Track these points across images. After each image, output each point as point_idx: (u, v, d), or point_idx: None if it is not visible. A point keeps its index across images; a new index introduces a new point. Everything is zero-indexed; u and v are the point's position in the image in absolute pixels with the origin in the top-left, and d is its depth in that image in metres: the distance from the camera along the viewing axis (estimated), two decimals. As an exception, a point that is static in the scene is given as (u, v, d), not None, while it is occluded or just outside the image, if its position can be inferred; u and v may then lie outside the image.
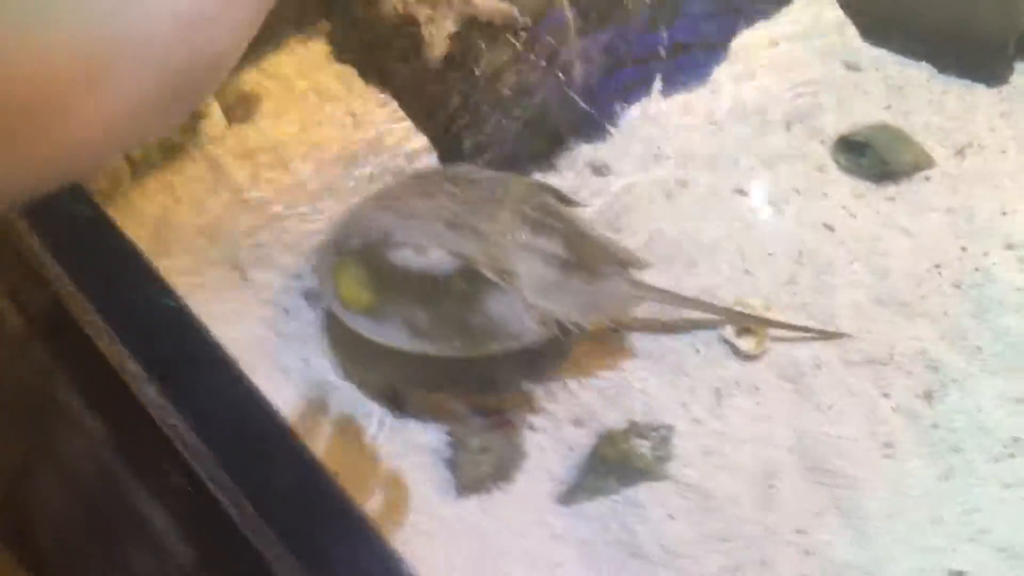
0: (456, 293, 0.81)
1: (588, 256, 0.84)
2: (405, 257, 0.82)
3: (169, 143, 1.01)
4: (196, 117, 1.05)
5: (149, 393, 0.66)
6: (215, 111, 1.06)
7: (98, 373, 0.74)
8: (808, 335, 0.88)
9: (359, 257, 0.84)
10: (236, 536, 0.65)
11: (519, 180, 0.90)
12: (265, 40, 1.07)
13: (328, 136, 1.03)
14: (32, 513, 0.96)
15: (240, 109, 1.08)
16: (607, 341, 0.90)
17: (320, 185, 0.99)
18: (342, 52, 1.08)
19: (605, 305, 0.84)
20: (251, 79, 1.08)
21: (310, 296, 0.91)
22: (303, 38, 1.10)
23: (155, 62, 0.37)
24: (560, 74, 1.00)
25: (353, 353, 0.88)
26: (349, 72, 1.07)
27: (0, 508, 1.00)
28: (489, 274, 0.80)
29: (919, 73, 1.03)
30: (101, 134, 0.37)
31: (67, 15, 0.34)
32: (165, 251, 0.93)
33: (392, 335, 0.82)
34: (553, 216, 0.86)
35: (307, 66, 1.09)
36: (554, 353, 0.87)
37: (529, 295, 0.81)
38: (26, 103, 0.34)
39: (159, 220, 0.97)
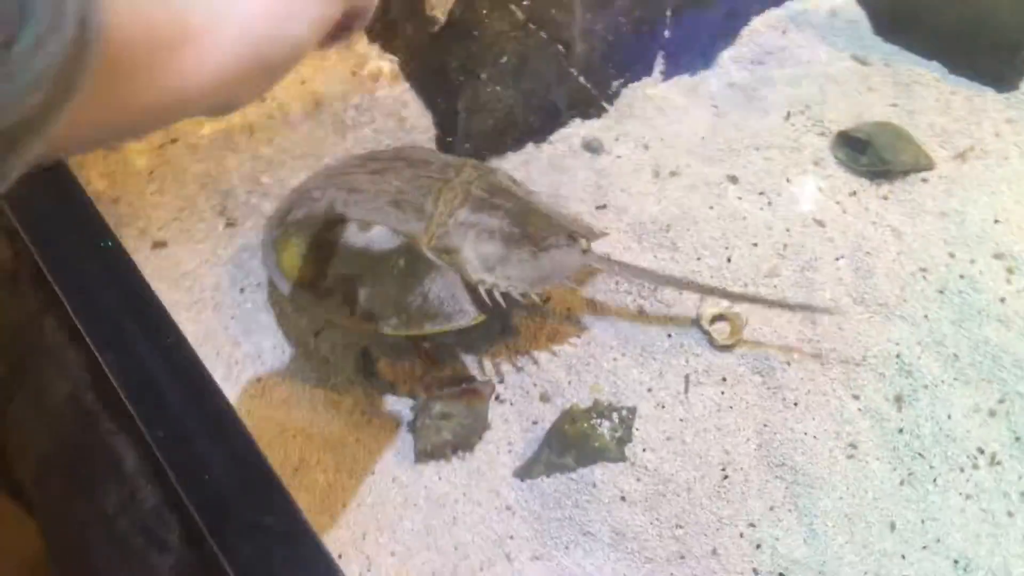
0: (395, 272, 0.81)
1: (535, 229, 0.84)
2: (347, 232, 0.82)
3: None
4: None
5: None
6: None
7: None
8: (787, 308, 0.88)
9: (303, 230, 0.84)
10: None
11: (472, 163, 0.89)
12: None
13: (328, 90, 1.03)
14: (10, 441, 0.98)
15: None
16: (580, 319, 0.89)
17: (311, 141, 0.99)
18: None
19: (552, 274, 0.84)
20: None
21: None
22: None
23: (247, 40, 0.45)
24: (561, 47, 0.99)
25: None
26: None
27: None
28: (428, 253, 0.80)
29: (929, 72, 1.01)
30: (196, 90, 0.44)
31: None
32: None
33: (331, 309, 0.83)
34: (502, 195, 0.85)
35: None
36: (500, 330, 0.87)
37: (472, 271, 0.81)
38: (138, 52, 0.41)
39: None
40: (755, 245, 0.93)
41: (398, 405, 0.86)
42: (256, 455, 0.63)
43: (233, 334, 0.88)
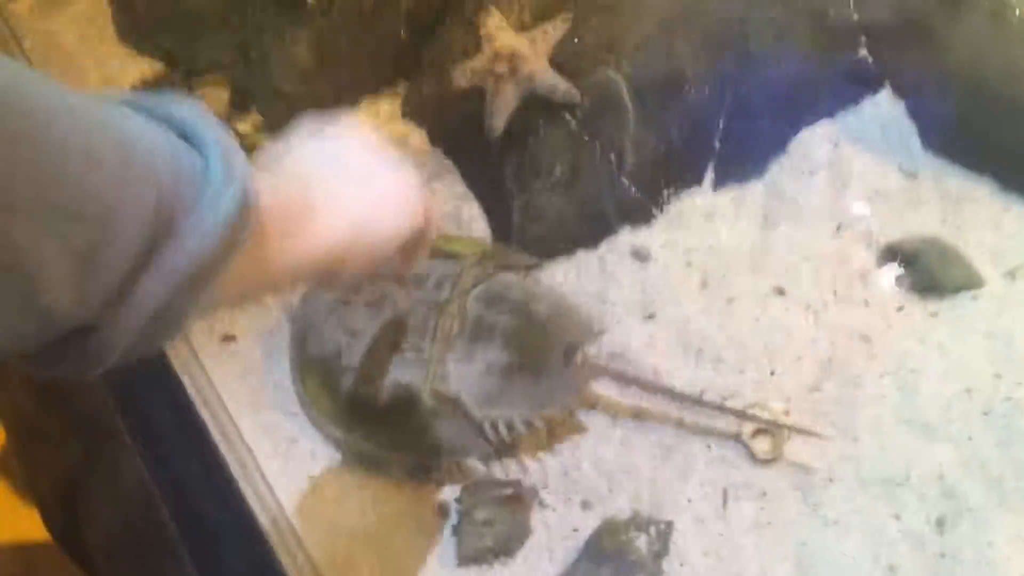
0: (404, 416, 0.85)
1: (533, 351, 0.88)
2: (355, 380, 0.88)
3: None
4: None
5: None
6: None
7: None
8: (785, 428, 0.89)
9: (315, 366, 0.90)
10: None
11: (471, 262, 0.94)
12: (343, 99, 1.14)
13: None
14: (82, 518, 1.05)
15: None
16: (623, 424, 0.92)
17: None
18: (413, 115, 1.14)
19: (554, 399, 0.88)
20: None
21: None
22: (378, 98, 1.16)
23: (351, 222, 0.56)
24: (612, 157, 1.03)
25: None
26: (418, 136, 1.12)
27: (56, 510, 1.09)
28: (430, 403, 0.85)
29: (979, 188, 1.01)
30: (312, 258, 0.53)
31: None
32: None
33: (356, 443, 0.90)
34: (500, 306, 0.90)
35: (380, 126, 1.14)
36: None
37: (475, 410, 0.85)
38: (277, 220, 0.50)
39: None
40: (799, 359, 0.94)
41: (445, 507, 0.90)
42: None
43: (290, 431, 0.93)
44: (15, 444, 1.16)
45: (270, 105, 1.16)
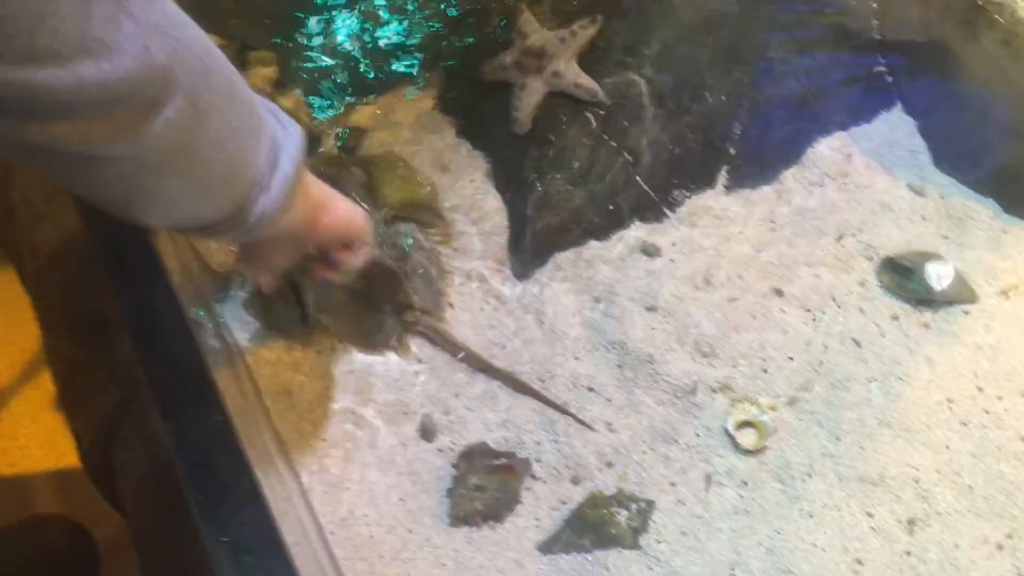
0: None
1: (379, 289, 1.02)
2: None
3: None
4: (315, 142, 1.19)
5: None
6: (330, 139, 1.20)
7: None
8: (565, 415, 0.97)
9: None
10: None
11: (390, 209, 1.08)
12: (381, 86, 1.21)
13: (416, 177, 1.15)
14: (115, 463, 1.12)
15: (351, 138, 1.22)
16: (619, 410, 0.97)
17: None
18: (446, 107, 1.19)
19: (378, 333, 1.03)
20: (363, 115, 1.21)
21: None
22: (418, 87, 1.22)
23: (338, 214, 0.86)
24: (628, 156, 1.08)
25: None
26: (449, 125, 1.18)
27: (93, 453, 1.17)
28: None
29: (983, 208, 1.05)
30: (327, 227, 0.85)
31: None
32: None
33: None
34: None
35: (415, 114, 1.21)
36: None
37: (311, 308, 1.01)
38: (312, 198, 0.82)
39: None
40: (791, 359, 0.98)
41: (443, 471, 0.96)
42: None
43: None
44: (59, 387, 1.24)
45: (310, 86, 1.23)
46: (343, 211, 0.86)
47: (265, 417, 0.95)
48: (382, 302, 1.02)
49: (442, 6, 1.26)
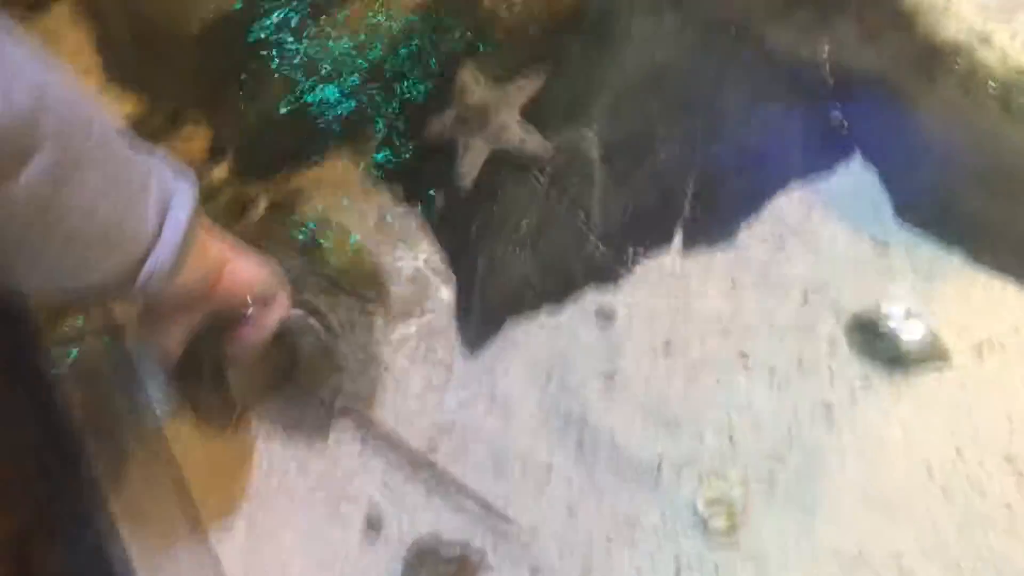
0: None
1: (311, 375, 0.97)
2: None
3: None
4: (249, 207, 1.13)
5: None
6: (261, 202, 1.14)
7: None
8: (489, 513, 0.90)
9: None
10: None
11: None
12: (315, 150, 1.14)
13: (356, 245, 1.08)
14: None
15: (288, 204, 1.15)
16: (581, 491, 0.90)
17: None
18: (388, 171, 1.13)
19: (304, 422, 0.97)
20: (301, 180, 1.15)
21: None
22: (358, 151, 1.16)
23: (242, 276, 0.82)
24: (580, 214, 1.03)
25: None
26: (390, 190, 1.12)
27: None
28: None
29: (949, 259, 1.00)
30: (226, 290, 0.80)
31: None
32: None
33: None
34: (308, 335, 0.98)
35: (355, 178, 1.14)
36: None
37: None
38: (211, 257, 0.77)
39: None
40: (759, 428, 0.92)
41: (394, 563, 0.88)
42: None
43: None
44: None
45: (245, 152, 1.16)
46: (245, 270, 0.80)
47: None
48: (313, 384, 0.94)
49: (385, 67, 1.20)
